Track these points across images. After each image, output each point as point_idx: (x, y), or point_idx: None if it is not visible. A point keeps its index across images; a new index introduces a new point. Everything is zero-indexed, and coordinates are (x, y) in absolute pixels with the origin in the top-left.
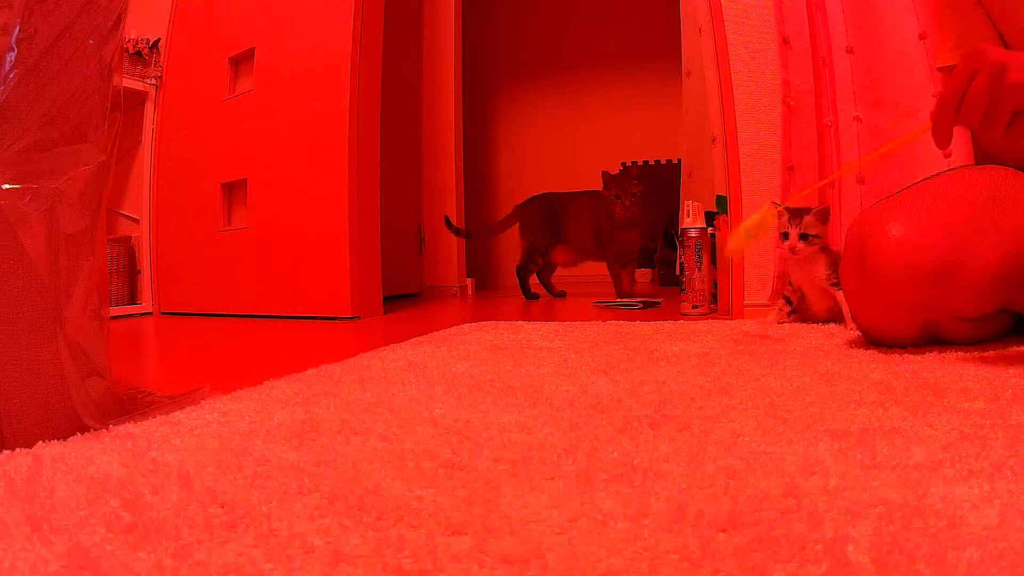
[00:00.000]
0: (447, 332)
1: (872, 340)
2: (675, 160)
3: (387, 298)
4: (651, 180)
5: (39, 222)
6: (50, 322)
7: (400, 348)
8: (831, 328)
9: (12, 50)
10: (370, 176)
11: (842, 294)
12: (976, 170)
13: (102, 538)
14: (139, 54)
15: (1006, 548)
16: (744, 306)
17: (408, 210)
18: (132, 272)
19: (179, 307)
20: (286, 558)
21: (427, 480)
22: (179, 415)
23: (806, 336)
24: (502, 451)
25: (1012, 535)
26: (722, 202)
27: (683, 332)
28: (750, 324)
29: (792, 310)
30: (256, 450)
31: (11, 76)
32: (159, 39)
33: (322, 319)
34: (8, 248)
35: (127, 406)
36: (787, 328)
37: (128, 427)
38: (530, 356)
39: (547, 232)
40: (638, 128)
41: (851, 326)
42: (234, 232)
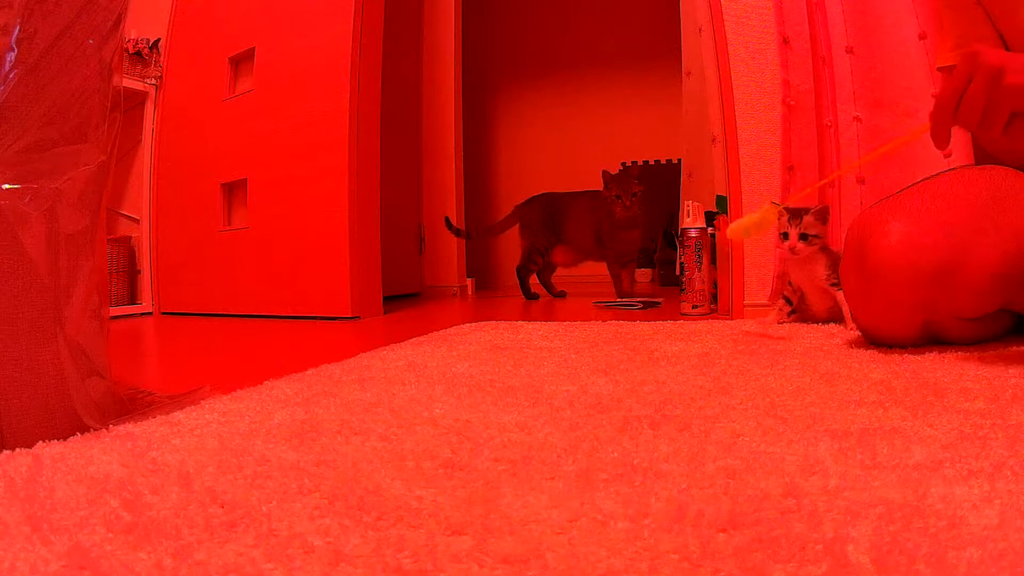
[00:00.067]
0: (447, 332)
1: (872, 340)
2: (675, 160)
3: (387, 298)
4: (651, 180)
5: (39, 222)
6: (50, 322)
7: (400, 348)
8: (831, 328)
9: (12, 50)
10: (370, 176)
11: (842, 294)
12: (976, 170)
13: (102, 538)
14: (139, 54)
15: (1006, 548)
16: (744, 306)
17: (408, 210)
18: (132, 272)
19: (179, 307)
20: (286, 558)
21: (427, 480)
22: (179, 415)
23: (806, 336)
24: (502, 451)
25: (1012, 535)
26: (722, 202)
27: (683, 332)
28: (750, 324)
29: (792, 310)
30: (256, 450)
31: (11, 76)
32: (159, 39)
33: (322, 319)
34: (8, 248)
35: (127, 406)
36: (787, 328)
37: (128, 427)
38: (530, 356)
39: (547, 232)
40: (638, 128)
41: (851, 326)
42: (234, 232)
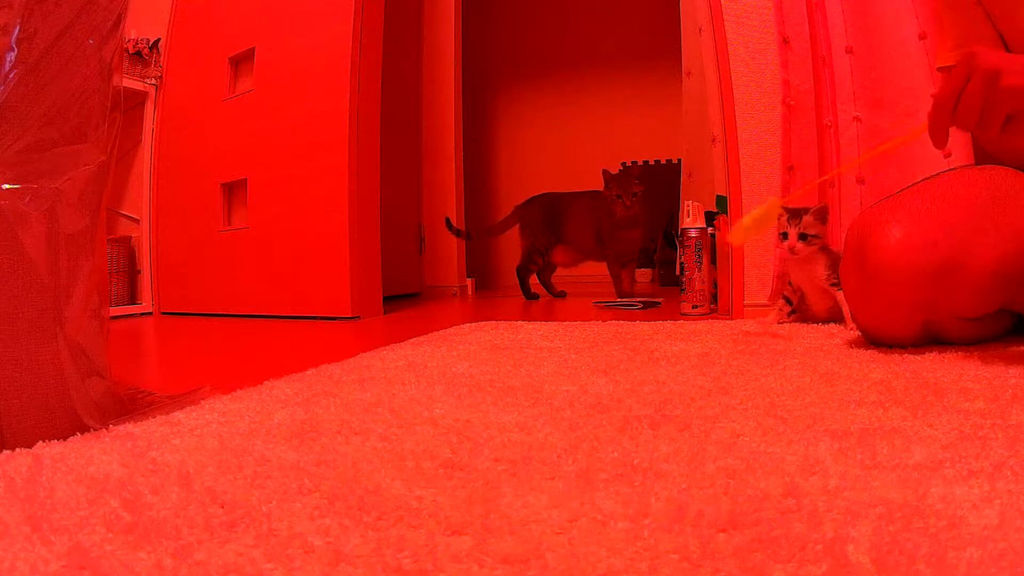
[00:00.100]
0: (447, 332)
1: (872, 340)
2: (675, 160)
3: (387, 298)
4: (651, 180)
5: (39, 222)
6: (50, 322)
7: (400, 348)
8: (831, 328)
9: (12, 50)
10: (370, 176)
11: (842, 294)
12: (976, 170)
13: (102, 538)
14: (139, 54)
15: (1006, 548)
16: (744, 306)
17: (408, 210)
18: (132, 272)
19: (179, 307)
20: (286, 558)
21: (427, 480)
22: (179, 415)
23: (806, 336)
24: (502, 451)
25: (1012, 535)
26: (722, 202)
27: (683, 332)
28: (750, 324)
29: (792, 310)
30: (256, 450)
31: (11, 76)
32: (159, 39)
33: (322, 319)
34: (8, 248)
35: (127, 406)
36: (787, 328)
37: (128, 427)
38: (530, 356)
39: (547, 232)
40: (638, 128)
41: (851, 326)
42: (234, 232)
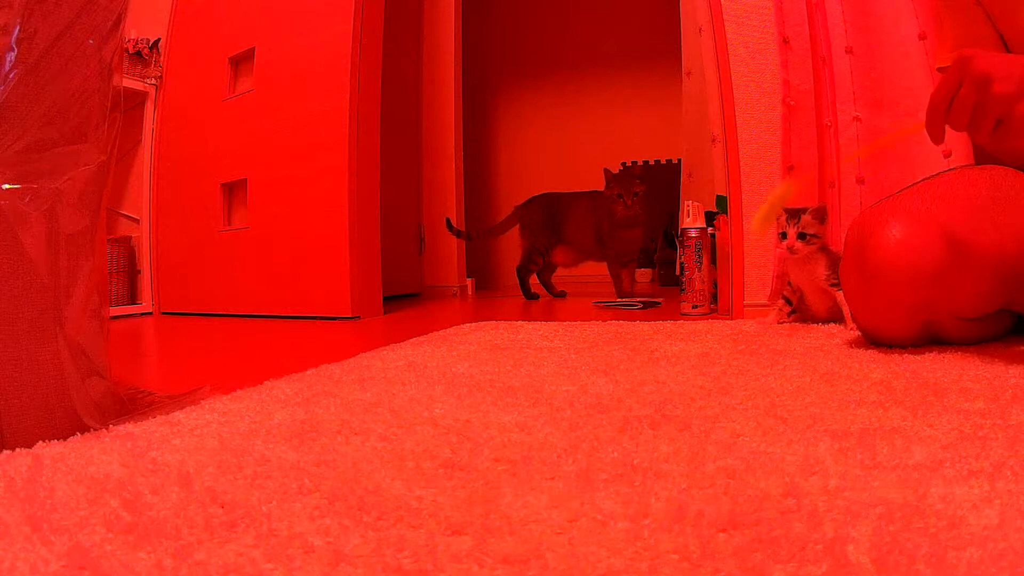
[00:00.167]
0: (447, 332)
1: (872, 340)
2: (675, 160)
3: (387, 298)
4: (651, 180)
5: (39, 222)
6: (50, 322)
7: (400, 348)
8: (831, 328)
9: (12, 50)
10: (370, 176)
11: (842, 294)
12: (976, 170)
13: (102, 538)
14: (139, 54)
15: (1006, 548)
16: (744, 306)
17: (408, 210)
18: (132, 272)
19: (179, 307)
20: (286, 558)
21: (427, 480)
22: (179, 415)
23: (806, 336)
24: (502, 451)
25: (1012, 535)
26: (722, 202)
27: (683, 332)
28: (750, 324)
29: (792, 310)
30: (256, 450)
31: (11, 76)
32: (159, 39)
33: (322, 319)
34: (8, 248)
35: (127, 406)
36: (787, 328)
37: (128, 427)
38: (530, 356)
39: (547, 232)
40: (638, 128)
41: (851, 326)
42: (234, 232)
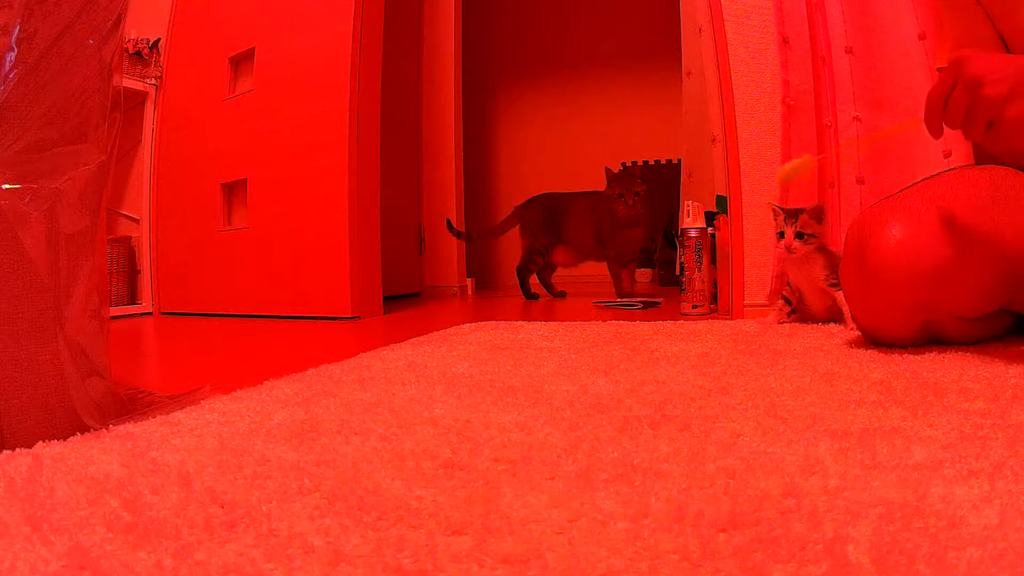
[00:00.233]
0: (447, 332)
1: (872, 340)
2: (675, 160)
3: (387, 298)
4: (651, 180)
5: (39, 222)
6: (50, 322)
7: (400, 348)
8: (831, 328)
9: (12, 50)
10: (370, 176)
11: (841, 294)
12: (976, 170)
13: (102, 538)
14: (139, 54)
15: (1006, 548)
16: (744, 306)
17: (408, 210)
18: (132, 272)
19: (179, 307)
20: (286, 558)
21: (427, 480)
22: (179, 415)
23: (806, 336)
24: (502, 451)
25: (1012, 535)
26: (722, 202)
27: (683, 332)
28: (750, 324)
29: (792, 310)
30: (256, 450)
31: (11, 76)
32: (159, 39)
33: (322, 319)
34: (8, 248)
35: (127, 406)
36: (787, 328)
37: (128, 427)
38: (530, 356)
39: (547, 232)
40: (638, 128)
41: (851, 326)
42: (234, 232)
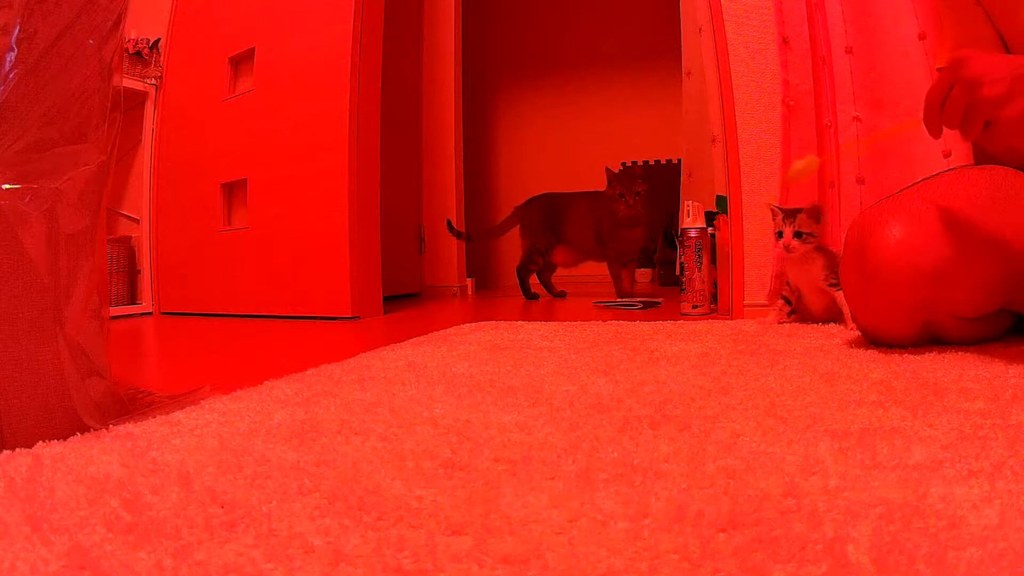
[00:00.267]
0: (447, 332)
1: (872, 340)
2: (675, 160)
3: (387, 298)
4: (651, 180)
5: (39, 222)
6: (50, 322)
7: (400, 348)
8: (831, 328)
9: (12, 50)
10: (370, 176)
11: (841, 294)
12: (976, 170)
13: (102, 538)
14: (139, 54)
15: (1006, 548)
16: (744, 306)
17: (408, 210)
18: (132, 272)
19: (179, 307)
20: (286, 558)
21: (427, 480)
22: (179, 415)
23: (806, 336)
24: (502, 451)
25: (1012, 535)
26: (722, 202)
27: (683, 332)
28: (750, 324)
29: (792, 310)
30: (256, 450)
31: (11, 76)
32: (159, 39)
33: (322, 319)
34: (8, 248)
35: (127, 406)
36: (787, 328)
37: (128, 427)
38: (530, 356)
39: (547, 232)
40: (638, 128)
41: (851, 326)
42: (234, 232)
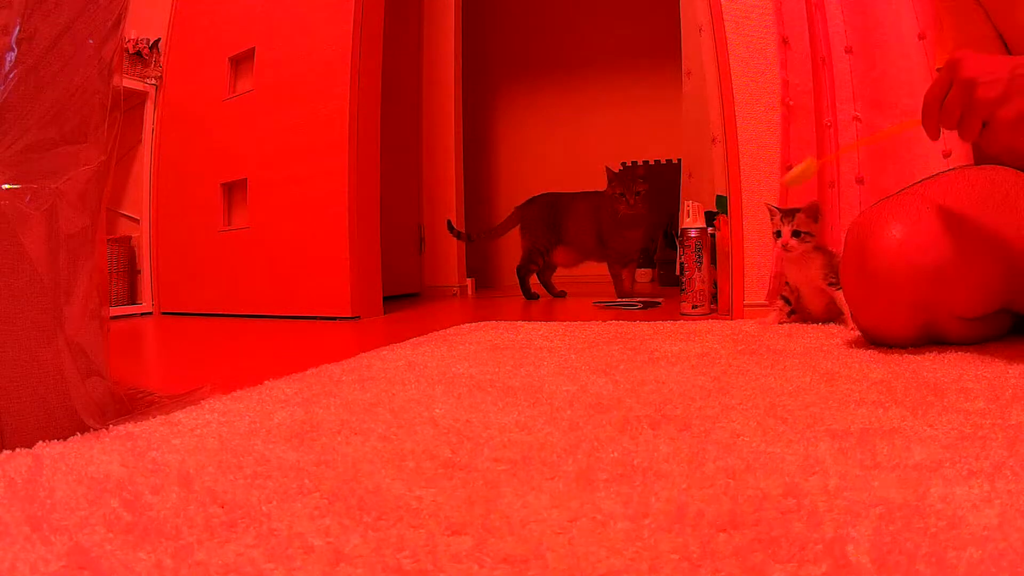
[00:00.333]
0: (447, 332)
1: (872, 340)
2: (675, 160)
3: (387, 298)
4: (652, 180)
5: (39, 222)
6: (50, 322)
7: (400, 348)
8: (831, 328)
9: (12, 50)
10: (370, 176)
11: (841, 294)
12: (976, 170)
13: (102, 538)
14: (139, 54)
15: (1006, 548)
16: (744, 306)
17: (408, 210)
18: (132, 272)
19: (179, 307)
20: (286, 558)
21: (427, 480)
22: (179, 415)
23: (806, 336)
24: (502, 451)
25: (1012, 535)
26: (722, 202)
27: (683, 332)
28: (750, 324)
29: (792, 310)
30: (256, 450)
31: (11, 76)
32: (159, 39)
33: (322, 319)
34: (8, 248)
35: (127, 406)
36: (787, 328)
37: (128, 427)
38: (530, 356)
39: (548, 233)
40: (638, 128)
41: (851, 326)
42: (234, 232)
